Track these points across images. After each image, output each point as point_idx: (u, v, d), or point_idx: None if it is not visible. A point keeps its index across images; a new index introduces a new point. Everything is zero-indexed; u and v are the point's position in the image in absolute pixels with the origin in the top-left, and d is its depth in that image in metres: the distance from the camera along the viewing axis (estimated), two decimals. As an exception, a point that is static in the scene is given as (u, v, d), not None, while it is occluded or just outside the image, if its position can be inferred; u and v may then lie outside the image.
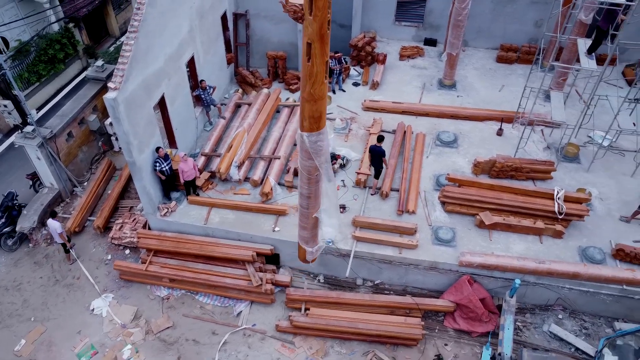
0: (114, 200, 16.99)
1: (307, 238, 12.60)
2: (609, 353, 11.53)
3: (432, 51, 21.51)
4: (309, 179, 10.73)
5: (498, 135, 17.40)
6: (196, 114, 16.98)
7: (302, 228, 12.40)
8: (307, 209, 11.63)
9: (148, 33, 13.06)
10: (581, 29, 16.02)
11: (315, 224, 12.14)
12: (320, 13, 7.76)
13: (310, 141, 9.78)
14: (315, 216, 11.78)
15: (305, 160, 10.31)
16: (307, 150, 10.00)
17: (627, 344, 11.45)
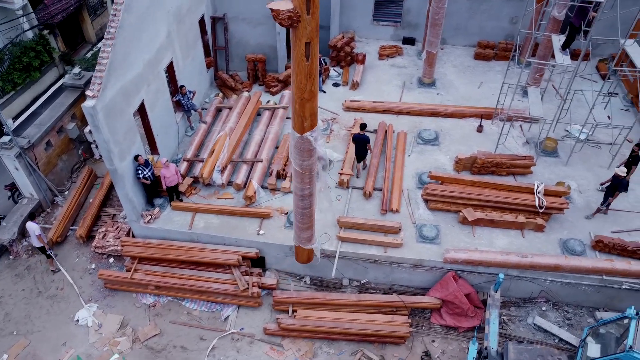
0: (96, 208, 16.81)
1: (309, 237, 12.55)
2: (592, 341, 11.74)
3: (411, 50, 21.68)
4: (310, 177, 10.73)
5: (478, 132, 17.63)
6: (177, 119, 16.88)
7: (304, 229, 12.34)
8: (308, 208, 11.59)
9: (125, 39, 12.95)
10: (555, 25, 16.30)
11: (313, 222, 12.14)
12: (316, 10, 7.83)
13: (313, 138, 9.80)
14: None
15: (307, 159, 10.28)
16: (309, 149, 9.97)
17: (609, 332, 11.66)
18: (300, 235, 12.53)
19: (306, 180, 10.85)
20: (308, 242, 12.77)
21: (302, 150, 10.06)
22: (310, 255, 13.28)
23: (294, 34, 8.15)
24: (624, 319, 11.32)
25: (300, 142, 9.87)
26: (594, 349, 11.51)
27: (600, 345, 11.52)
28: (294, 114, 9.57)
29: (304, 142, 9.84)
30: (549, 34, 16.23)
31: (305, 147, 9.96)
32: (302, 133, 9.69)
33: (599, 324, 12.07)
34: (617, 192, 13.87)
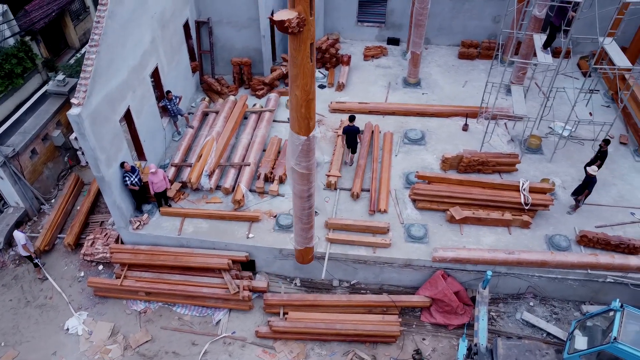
0: (83, 216, 16.71)
1: (312, 236, 12.60)
2: (580, 334, 11.98)
3: (396, 50, 21.84)
4: (312, 177, 10.75)
5: (464, 131, 17.81)
6: (164, 124, 16.85)
7: (308, 229, 12.38)
8: (310, 208, 11.66)
9: (109, 46, 12.91)
10: (536, 24, 16.54)
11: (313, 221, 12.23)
12: (313, 11, 7.91)
13: (315, 138, 9.82)
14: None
15: (311, 159, 10.31)
16: (309, 149, 10.00)
17: (595, 324, 11.91)
18: (306, 235, 12.49)
19: (310, 180, 10.86)
20: (311, 241, 12.77)
21: (307, 151, 10.05)
22: (310, 253, 13.28)
23: (297, 39, 8.09)
24: (609, 312, 11.57)
25: (306, 144, 9.84)
26: (581, 342, 11.77)
27: (587, 337, 11.76)
28: (298, 117, 9.41)
29: (310, 142, 9.84)
30: (530, 33, 16.46)
31: (311, 147, 9.97)
32: (309, 134, 9.65)
33: (586, 317, 12.31)
34: (588, 190, 14.09)
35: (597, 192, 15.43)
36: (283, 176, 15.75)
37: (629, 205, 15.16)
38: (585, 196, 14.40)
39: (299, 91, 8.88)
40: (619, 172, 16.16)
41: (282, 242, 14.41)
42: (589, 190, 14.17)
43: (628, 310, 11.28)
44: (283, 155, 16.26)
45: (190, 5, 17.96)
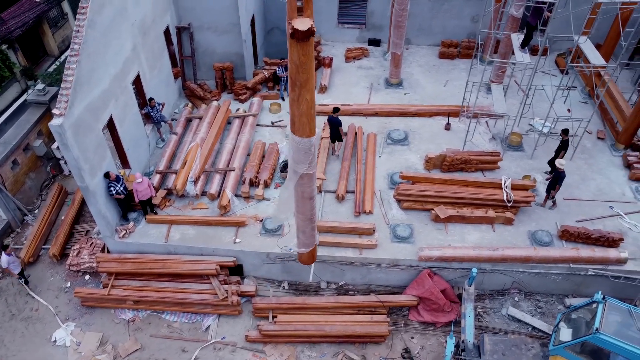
0: (68, 225, 16.59)
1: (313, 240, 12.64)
2: (565, 326, 12.26)
3: (377, 51, 22.01)
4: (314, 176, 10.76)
5: (446, 130, 18.03)
6: (147, 131, 16.80)
7: (314, 229, 12.37)
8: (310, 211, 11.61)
9: (90, 55, 12.85)
10: (514, 23, 16.81)
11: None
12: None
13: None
14: None
15: (314, 160, 10.31)
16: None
17: (580, 317, 12.18)
18: (313, 234, 12.51)
19: (309, 184, 10.87)
20: (314, 242, 12.80)
21: (314, 152, 10.11)
22: (313, 253, 13.29)
23: (306, 45, 8.16)
24: (592, 304, 11.85)
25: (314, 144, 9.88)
26: (566, 333, 12.05)
27: (572, 329, 12.04)
28: (309, 120, 9.32)
29: (313, 145, 9.85)
30: (508, 33, 16.73)
31: (311, 151, 10.02)
32: (309, 136, 9.59)
33: (571, 309, 12.59)
34: (558, 184, 14.40)
35: (578, 187, 15.80)
36: (268, 180, 15.82)
37: (607, 199, 15.50)
38: (556, 191, 14.65)
39: (309, 95, 8.93)
40: (597, 166, 16.51)
41: (269, 246, 14.48)
42: (559, 185, 14.43)
43: (610, 302, 11.56)
44: (267, 160, 16.32)
45: (170, 11, 17.92)
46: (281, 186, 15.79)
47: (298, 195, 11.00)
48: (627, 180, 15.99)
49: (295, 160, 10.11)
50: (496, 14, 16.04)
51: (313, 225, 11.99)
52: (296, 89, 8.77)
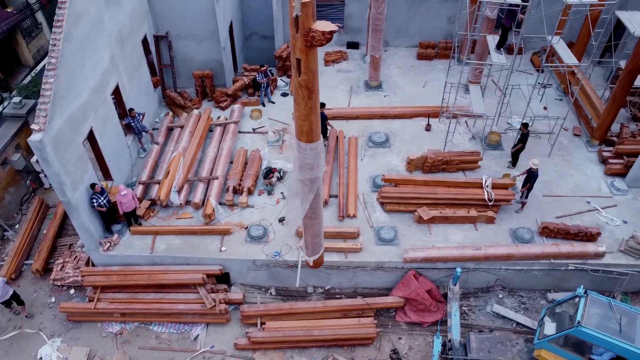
0: (50, 240, 16.41)
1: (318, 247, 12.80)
2: (549, 320, 12.56)
3: (356, 54, 22.17)
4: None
5: (427, 131, 18.25)
6: (128, 142, 16.70)
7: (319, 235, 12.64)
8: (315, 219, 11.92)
9: (68, 68, 12.76)
10: (489, 24, 17.12)
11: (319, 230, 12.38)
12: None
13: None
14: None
15: (308, 171, 10.51)
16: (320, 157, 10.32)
17: (564, 311, 12.48)
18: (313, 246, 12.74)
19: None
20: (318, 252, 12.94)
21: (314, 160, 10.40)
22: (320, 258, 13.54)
23: (311, 54, 8.30)
24: (575, 298, 12.16)
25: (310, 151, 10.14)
26: (550, 327, 12.35)
27: (556, 323, 12.34)
28: (316, 125, 9.67)
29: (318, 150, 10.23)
30: (484, 35, 17.01)
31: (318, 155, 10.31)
32: (312, 142, 9.90)
33: (555, 304, 12.89)
34: (530, 183, 14.69)
35: (556, 184, 16.15)
36: (251, 187, 15.86)
37: (585, 194, 15.86)
38: (528, 190, 14.95)
39: (316, 99, 9.24)
40: (574, 162, 16.88)
41: (254, 253, 14.53)
42: (531, 184, 14.73)
43: (591, 296, 11.89)
44: (250, 167, 16.36)
45: (148, 20, 17.83)
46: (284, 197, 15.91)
47: (306, 202, 11.10)
48: (602, 175, 16.39)
49: (314, 164, 10.29)
50: (471, 16, 16.30)
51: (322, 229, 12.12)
52: (313, 96, 8.97)
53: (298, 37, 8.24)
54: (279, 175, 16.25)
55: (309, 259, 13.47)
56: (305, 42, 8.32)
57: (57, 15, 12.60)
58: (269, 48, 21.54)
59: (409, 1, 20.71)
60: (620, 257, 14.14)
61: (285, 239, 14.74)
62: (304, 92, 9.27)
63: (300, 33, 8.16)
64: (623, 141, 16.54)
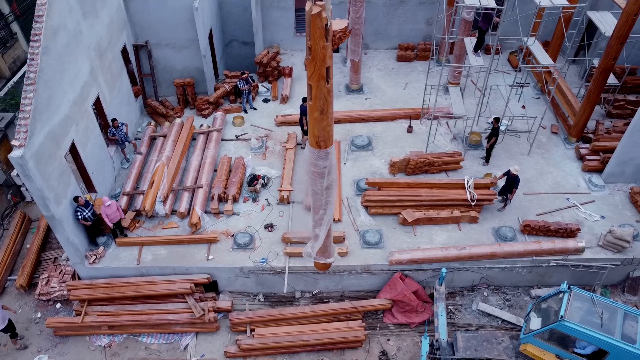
0: (34, 254, 16.26)
1: (326, 251, 12.77)
2: (535, 316, 12.86)
3: (336, 57, 22.26)
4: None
5: (409, 133, 18.46)
6: (111, 153, 16.61)
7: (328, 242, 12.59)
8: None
9: (47, 82, 12.69)
10: (466, 26, 17.39)
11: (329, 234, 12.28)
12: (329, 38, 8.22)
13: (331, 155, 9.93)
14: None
15: (320, 178, 10.44)
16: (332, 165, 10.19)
17: (549, 306, 12.77)
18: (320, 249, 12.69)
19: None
20: (327, 257, 12.93)
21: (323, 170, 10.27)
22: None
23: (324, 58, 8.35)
24: (559, 294, 12.46)
25: (322, 157, 9.99)
26: (535, 322, 12.63)
27: (541, 318, 12.64)
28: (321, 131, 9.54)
29: (329, 157, 10.03)
30: (461, 37, 17.27)
31: (328, 163, 10.17)
32: (324, 147, 9.70)
33: (541, 300, 13.19)
34: (515, 188, 15.01)
35: (536, 182, 16.48)
36: (236, 195, 15.91)
37: (564, 191, 16.22)
38: (512, 195, 15.26)
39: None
40: (553, 160, 17.24)
41: (242, 261, 14.60)
42: (515, 188, 15.04)
43: (575, 292, 12.21)
44: (234, 174, 16.40)
45: (126, 30, 17.74)
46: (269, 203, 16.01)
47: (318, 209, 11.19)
48: (580, 172, 16.77)
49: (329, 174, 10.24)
50: (449, 19, 16.54)
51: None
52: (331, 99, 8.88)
53: (328, 45, 8.18)
54: (263, 182, 16.31)
55: (327, 260, 13.34)
56: (334, 45, 8.37)
57: (34, 29, 12.52)
58: (250, 54, 21.59)
59: (387, 4, 20.91)
60: (599, 251, 14.51)
61: (272, 245, 14.84)
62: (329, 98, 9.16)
63: (331, 40, 8.15)
64: (599, 138, 16.94)
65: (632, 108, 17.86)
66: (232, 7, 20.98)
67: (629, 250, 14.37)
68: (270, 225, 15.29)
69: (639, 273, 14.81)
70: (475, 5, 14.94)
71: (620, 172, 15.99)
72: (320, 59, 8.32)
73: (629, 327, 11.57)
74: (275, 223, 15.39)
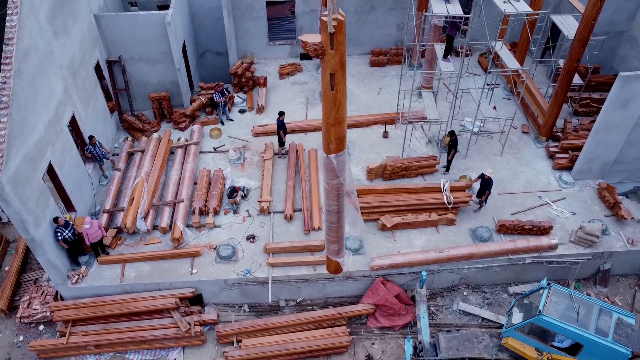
0: (14, 276, 16.11)
1: (337, 250, 12.84)
2: (517, 311, 13.34)
3: (309, 65, 22.52)
4: (337, 195, 11.00)
5: (384, 138, 18.79)
6: (89, 171, 16.55)
7: (332, 242, 12.52)
8: (336, 223, 11.85)
9: (21, 105, 12.63)
10: (437, 32, 17.77)
11: (341, 236, 12.34)
12: (340, 46, 8.26)
13: (338, 161, 10.12)
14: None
15: (333, 179, 10.59)
16: (334, 170, 10.33)
17: (531, 302, 13.26)
18: (329, 247, 12.70)
19: (333, 198, 11.11)
20: (336, 255, 12.97)
21: (328, 170, 10.39)
22: (338, 266, 13.32)
23: (322, 65, 8.51)
24: (540, 290, 12.93)
25: (327, 162, 10.17)
26: (517, 317, 13.15)
27: (522, 313, 13.12)
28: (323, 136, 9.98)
29: (330, 162, 10.16)
30: (432, 44, 17.66)
31: (330, 167, 10.27)
32: (327, 154, 9.99)
33: (523, 296, 13.68)
34: (488, 190, 15.49)
35: (509, 181, 16.97)
36: (217, 207, 16.01)
37: (536, 189, 16.77)
38: (487, 197, 15.73)
39: (322, 113, 9.42)
40: (524, 159, 17.78)
41: (225, 273, 14.72)
42: (489, 191, 15.50)
43: (554, 288, 12.73)
44: (214, 187, 16.50)
45: (99, 46, 17.67)
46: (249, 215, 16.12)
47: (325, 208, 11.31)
48: (551, 170, 17.33)
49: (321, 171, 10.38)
50: (419, 27, 16.90)
51: (331, 239, 12.14)
52: (340, 107, 9.14)
53: (334, 54, 8.39)
54: (243, 194, 16.44)
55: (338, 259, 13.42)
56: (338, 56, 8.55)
57: (4, 52, 12.44)
58: (224, 64, 21.68)
59: (357, 11, 21.21)
60: (571, 247, 15.06)
61: (254, 256, 15.00)
62: (333, 106, 9.31)
63: (336, 49, 8.32)
64: (567, 136, 17.53)
65: (596, 106, 18.53)
66: (204, 18, 21.05)
67: (599, 245, 14.96)
68: (252, 236, 15.45)
69: (608, 266, 15.40)
70: (444, 14, 15.33)
71: (588, 169, 16.60)
72: (325, 64, 8.50)
73: (603, 322, 12.13)
74: (256, 234, 15.55)
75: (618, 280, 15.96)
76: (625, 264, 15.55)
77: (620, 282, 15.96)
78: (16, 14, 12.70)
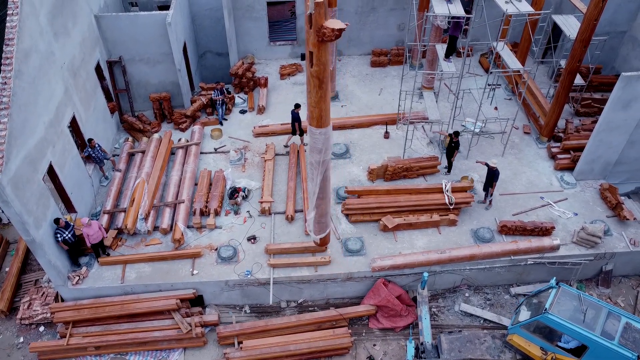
0: (14, 277, 16.07)
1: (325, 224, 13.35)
2: (525, 309, 13.34)
3: (311, 65, 22.43)
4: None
5: (386, 138, 18.74)
6: (89, 171, 16.51)
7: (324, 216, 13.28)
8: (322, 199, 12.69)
9: (21, 106, 12.59)
10: (438, 32, 17.73)
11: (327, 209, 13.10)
12: (317, 26, 8.99)
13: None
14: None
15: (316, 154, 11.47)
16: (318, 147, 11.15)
17: (540, 301, 13.25)
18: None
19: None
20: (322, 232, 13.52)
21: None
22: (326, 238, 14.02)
23: (323, 48, 9.22)
24: (549, 289, 12.91)
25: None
26: (524, 315, 13.17)
27: (530, 311, 13.13)
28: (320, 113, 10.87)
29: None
30: (433, 44, 17.62)
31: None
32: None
33: (532, 294, 13.66)
34: (494, 182, 15.42)
35: (511, 182, 16.92)
36: (218, 208, 15.97)
37: (538, 190, 16.70)
38: (494, 188, 15.66)
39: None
40: (526, 160, 17.73)
41: (226, 274, 14.68)
42: (495, 182, 15.43)
43: (563, 288, 12.75)
44: (215, 188, 16.46)
45: (99, 46, 17.64)
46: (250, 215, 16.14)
47: (320, 182, 12.03)
48: (552, 171, 17.28)
49: (318, 150, 11.41)
50: (420, 27, 16.88)
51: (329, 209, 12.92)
52: (323, 86, 9.94)
53: (311, 32, 8.98)
54: (244, 195, 16.40)
55: (316, 237, 13.88)
56: (317, 37, 9.12)
57: (5, 53, 12.41)
58: (224, 65, 21.65)
59: (358, 11, 21.17)
60: (573, 248, 15.01)
61: (256, 257, 14.96)
62: (315, 82, 10.14)
63: (314, 29, 8.81)
64: (569, 137, 17.48)
65: (598, 106, 18.50)
66: (205, 19, 21.03)
67: (601, 246, 14.91)
68: (253, 237, 15.40)
69: (611, 267, 15.35)
70: (445, 14, 15.29)
71: (589, 169, 16.55)
72: (305, 41, 9.63)
73: (611, 325, 12.13)
74: (257, 235, 15.51)
75: (620, 281, 15.92)
76: (628, 264, 15.50)
77: (622, 283, 15.91)
78: (16, 15, 12.67)
